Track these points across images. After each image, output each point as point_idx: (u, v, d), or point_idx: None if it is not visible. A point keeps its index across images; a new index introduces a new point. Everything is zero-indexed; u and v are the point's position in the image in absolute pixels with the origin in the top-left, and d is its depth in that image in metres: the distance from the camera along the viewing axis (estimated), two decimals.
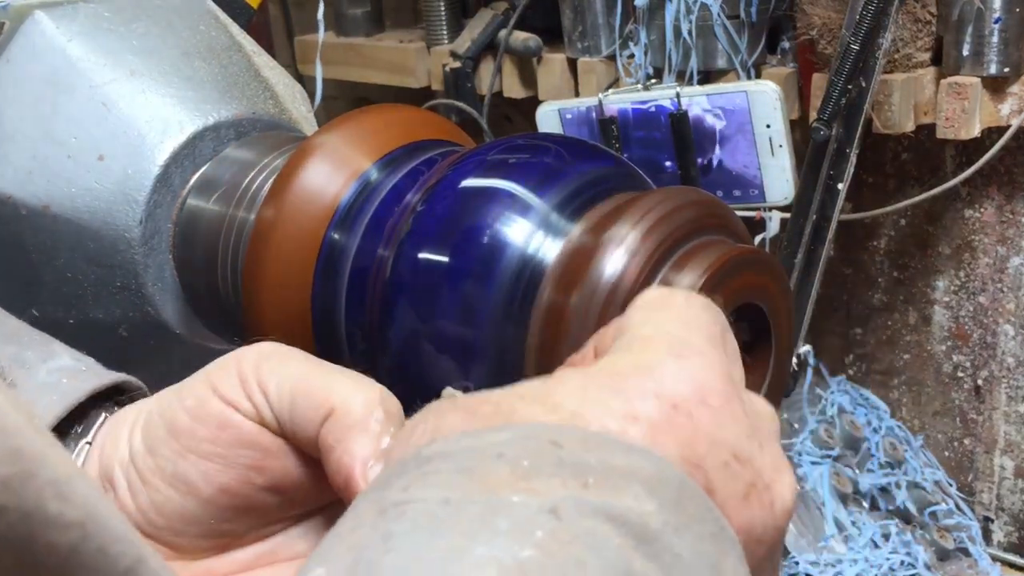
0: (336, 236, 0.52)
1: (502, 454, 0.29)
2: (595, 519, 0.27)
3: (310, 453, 0.37)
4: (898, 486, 1.36)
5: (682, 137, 1.23)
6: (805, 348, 1.24)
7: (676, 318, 0.35)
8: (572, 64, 1.37)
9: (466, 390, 0.35)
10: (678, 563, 0.28)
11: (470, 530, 0.26)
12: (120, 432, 0.40)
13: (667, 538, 0.28)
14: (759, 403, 0.35)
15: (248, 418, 0.38)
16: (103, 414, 0.42)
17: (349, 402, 0.36)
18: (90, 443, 0.41)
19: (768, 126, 1.19)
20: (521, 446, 0.29)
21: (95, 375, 0.44)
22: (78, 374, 0.43)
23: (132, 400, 0.43)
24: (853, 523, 1.33)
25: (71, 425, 0.41)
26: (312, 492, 0.39)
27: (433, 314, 0.47)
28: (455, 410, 0.33)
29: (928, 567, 1.29)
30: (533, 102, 1.38)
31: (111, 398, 0.44)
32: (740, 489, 0.32)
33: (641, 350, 0.33)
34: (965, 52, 1.11)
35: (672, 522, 0.28)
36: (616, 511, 0.28)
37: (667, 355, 0.33)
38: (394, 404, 0.37)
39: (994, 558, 1.36)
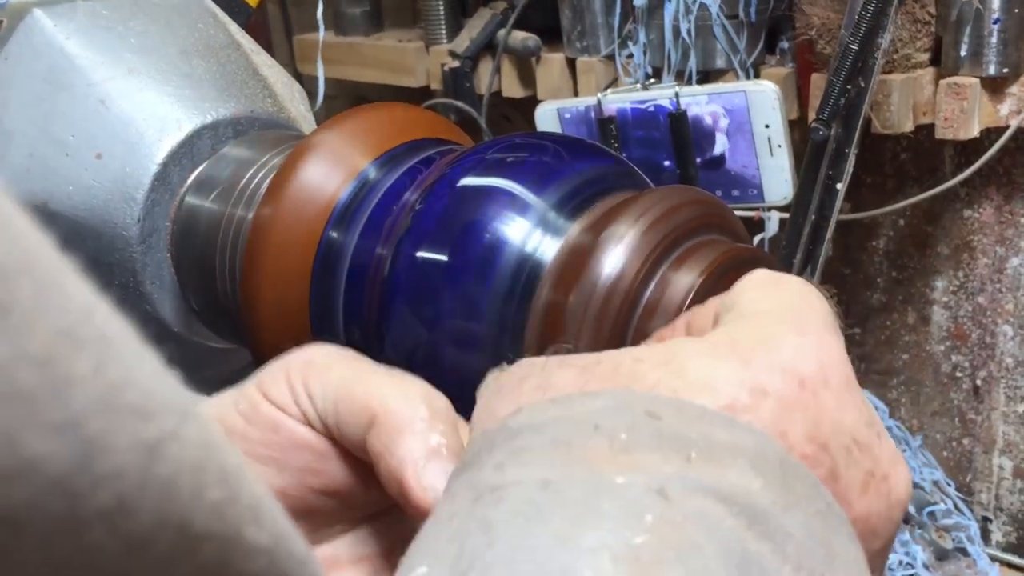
0: (334, 234, 0.52)
1: (598, 425, 0.27)
2: (705, 498, 0.26)
3: (363, 458, 0.37)
4: None
5: (681, 137, 1.23)
6: None
7: (793, 296, 0.33)
8: (571, 64, 1.37)
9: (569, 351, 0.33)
10: (790, 542, 0.26)
11: (575, 516, 0.25)
12: None
13: (777, 517, 0.26)
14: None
15: (299, 422, 0.37)
16: None
17: (390, 405, 0.35)
18: None
19: (767, 126, 1.19)
20: (617, 417, 0.27)
21: None
22: None
23: None
24: None
25: None
26: (372, 495, 0.38)
27: (431, 312, 0.47)
28: (566, 367, 0.31)
29: (926, 567, 1.29)
30: (532, 101, 1.38)
31: None
32: (860, 477, 0.30)
33: (761, 324, 0.32)
34: (964, 52, 1.11)
35: (780, 500, 0.27)
36: (724, 489, 0.26)
37: (790, 330, 0.31)
38: (440, 400, 0.36)
39: (992, 558, 1.35)
